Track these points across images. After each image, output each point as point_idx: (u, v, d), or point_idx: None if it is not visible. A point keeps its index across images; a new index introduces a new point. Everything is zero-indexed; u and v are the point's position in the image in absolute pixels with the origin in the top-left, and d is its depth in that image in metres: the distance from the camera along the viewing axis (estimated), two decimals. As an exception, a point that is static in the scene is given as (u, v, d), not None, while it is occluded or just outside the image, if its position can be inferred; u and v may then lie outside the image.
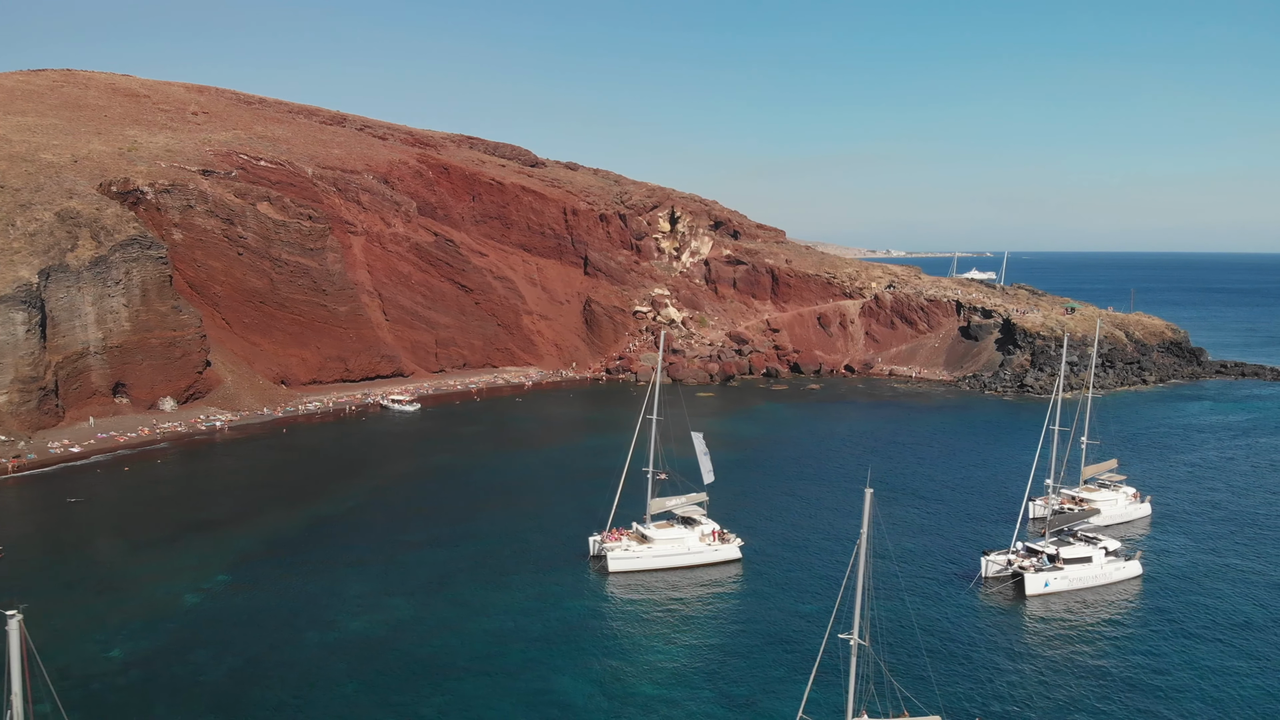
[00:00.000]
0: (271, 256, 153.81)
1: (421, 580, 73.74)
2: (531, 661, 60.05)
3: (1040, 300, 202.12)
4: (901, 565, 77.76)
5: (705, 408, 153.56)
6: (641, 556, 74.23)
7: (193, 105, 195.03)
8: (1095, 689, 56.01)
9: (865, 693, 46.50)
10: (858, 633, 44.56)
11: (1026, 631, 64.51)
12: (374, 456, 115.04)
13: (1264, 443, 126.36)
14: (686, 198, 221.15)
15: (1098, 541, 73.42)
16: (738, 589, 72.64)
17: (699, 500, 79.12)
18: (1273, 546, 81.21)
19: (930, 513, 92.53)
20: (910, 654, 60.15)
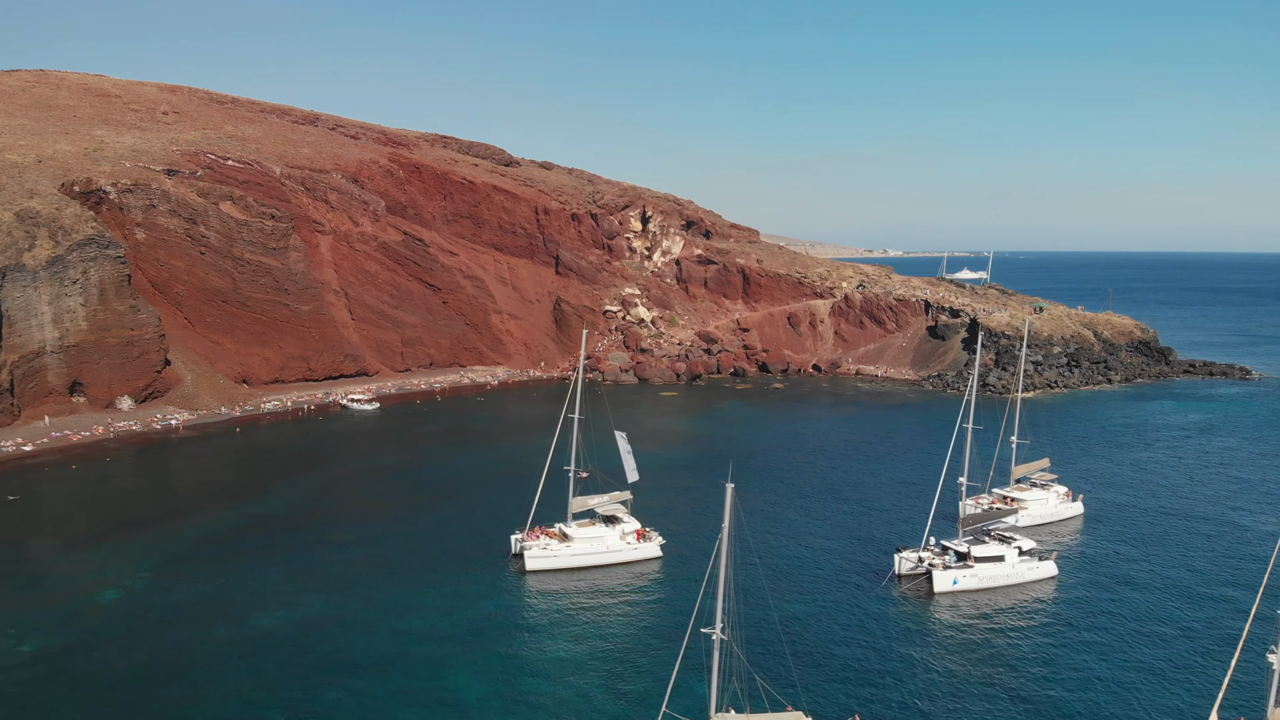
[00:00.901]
0: (234, 256, 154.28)
1: (340, 578, 74.20)
2: (432, 659, 60.47)
3: (1010, 300, 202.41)
4: (823, 562, 78.40)
5: (665, 407, 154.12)
6: (559, 555, 74.62)
7: (164, 105, 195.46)
8: (981, 688, 56.37)
9: (729, 688, 46.89)
10: (719, 628, 44.98)
11: (927, 629, 64.88)
12: (322, 456, 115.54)
13: (1216, 443, 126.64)
14: (659, 197, 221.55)
15: (1012, 541, 73.77)
16: (653, 587, 73.07)
17: (622, 499, 79.50)
18: (1198, 552, 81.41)
19: (861, 510, 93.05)
20: (797, 650, 60.68)
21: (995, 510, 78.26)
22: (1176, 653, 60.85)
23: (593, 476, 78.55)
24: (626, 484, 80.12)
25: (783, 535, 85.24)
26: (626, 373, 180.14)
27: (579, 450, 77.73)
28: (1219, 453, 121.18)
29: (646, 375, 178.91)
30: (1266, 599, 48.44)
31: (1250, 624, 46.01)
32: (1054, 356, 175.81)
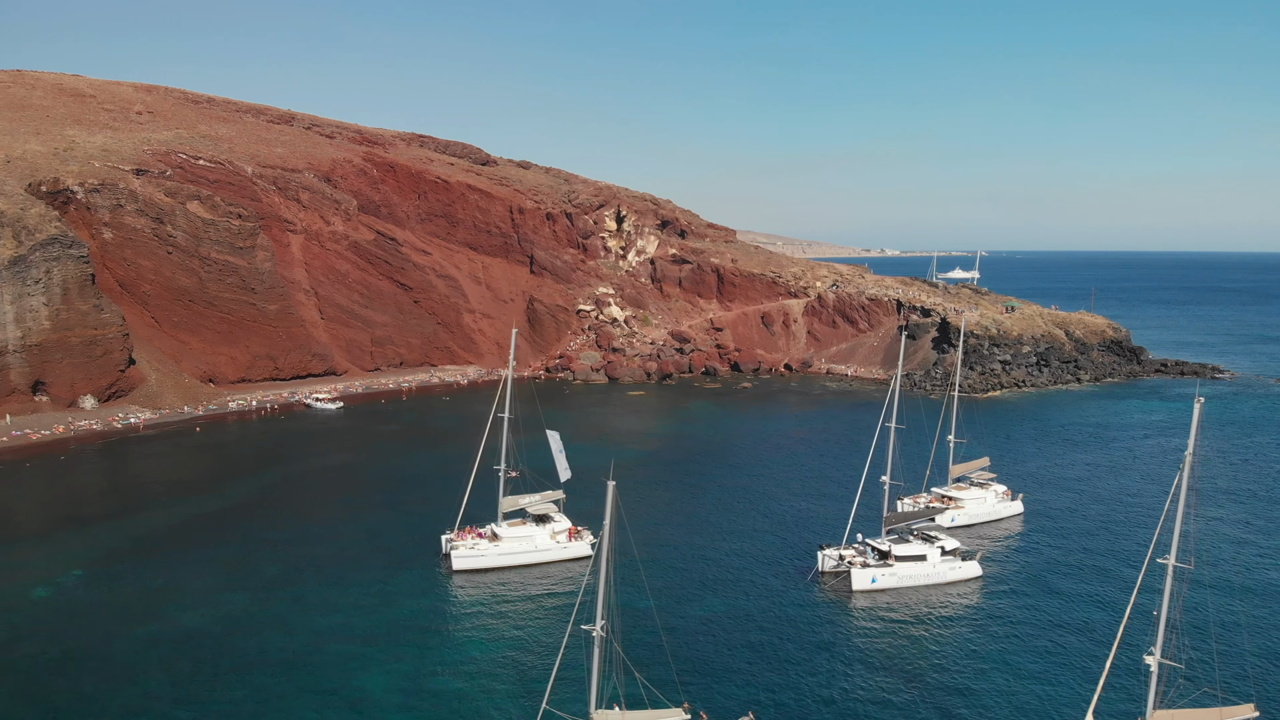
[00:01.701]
0: (200, 255, 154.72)
1: (269, 576, 74.64)
2: (344, 657, 60.89)
3: (982, 299, 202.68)
4: (752, 559, 78.84)
5: (628, 406, 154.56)
6: (487, 555, 75.02)
7: (138, 105, 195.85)
8: (879, 687, 56.73)
9: (610, 685, 47.28)
10: (599, 625, 45.37)
11: (838, 627, 65.22)
12: (276, 455, 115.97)
13: (1175, 443, 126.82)
14: (634, 197, 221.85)
15: (936, 540, 74.09)
16: (578, 586, 73.32)
17: (555, 498, 79.86)
18: (1131, 554, 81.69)
19: (799, 507, 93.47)
20: (705, 647, 61.18)
21: (925, 509, 78.53)
22: (1076, 656, 60.98)
23: (523, 475, 78.88)
24: (559, 483, 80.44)
25: (715, 533, 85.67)
26: (597, 372, 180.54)
27: (509, 450, 78.07)
28: (1175, 452, 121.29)
29: (617, 375, 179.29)
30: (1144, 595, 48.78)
31: (1124, 625, 46.36)
32: (1023, 356, 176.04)
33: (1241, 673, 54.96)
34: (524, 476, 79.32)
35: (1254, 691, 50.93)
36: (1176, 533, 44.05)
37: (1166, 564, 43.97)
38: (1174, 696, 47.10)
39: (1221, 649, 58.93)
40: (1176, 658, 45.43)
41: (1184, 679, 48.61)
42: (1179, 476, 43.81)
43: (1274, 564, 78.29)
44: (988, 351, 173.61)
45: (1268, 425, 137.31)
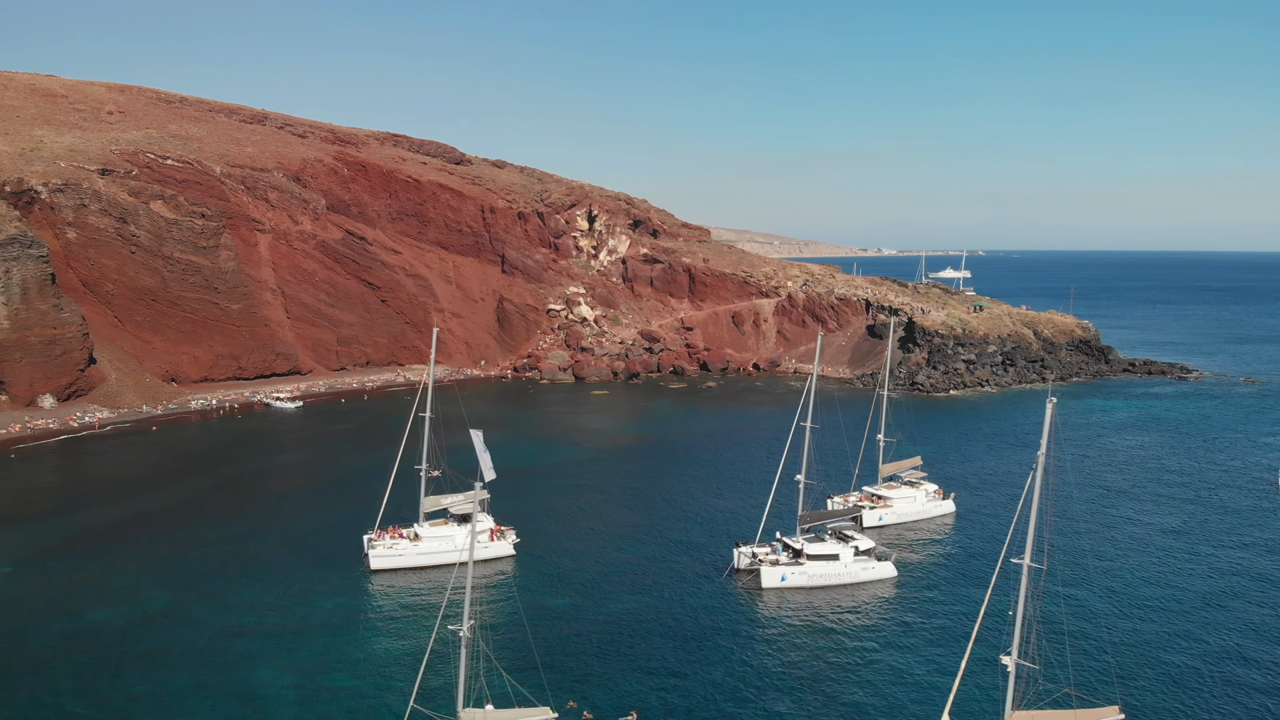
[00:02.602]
0: (163, 255, 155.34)
1: (192, 574, 75.26)
2: (248, 654, 61.49)
3: (951, 299, 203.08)
4: (672, 557, 79.39)
5: (587, 406, 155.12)
6: (405, 554, 75.57)
7: (110, 105, 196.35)
8: (770, 684, 57.23)
9: (478, 684, 47.84)
10: (465, 625, 45.91)
11: (740, 625, 65.67)
12: (225, 454, 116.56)
13: (1126, 441, 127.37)
14: (607, 196, 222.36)
15: (851, 539, 74.56)
16: (497, 585, 73.94)
17: (479, 498, 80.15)
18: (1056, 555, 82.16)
19: (730, 505, 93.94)
20: (593, 645, 61.75)
21: (843, 508, 78.98)
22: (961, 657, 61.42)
23: (445, 474, 79.40)
24: (484, 483, 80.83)
25: (643, 531, 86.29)
26: (565, 371, 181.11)
27: (429, 449, 78.59)
28: (1124, 450, 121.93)
29: (584, 374, 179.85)
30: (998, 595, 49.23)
31: (979, 624, 46.77)
32: (988, 355, 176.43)
33: (1106, 675, 55.47)
34: (445, 475, 79.82)
35: (1119, 694, 51.41)
36: (1030, 533, 44.51)
37: (1021, 564, 44.41)
38: (1034, 697, 47.54)
39: (1085, 651, 59.65)
40: (1035, 659, 45.91)
41: (1045, 680, 49.00)
42: (1032, 477, 44.27)
43: (1150, 566, 78.63)
44: (952, 351, 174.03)
45: (1202, 426, 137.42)
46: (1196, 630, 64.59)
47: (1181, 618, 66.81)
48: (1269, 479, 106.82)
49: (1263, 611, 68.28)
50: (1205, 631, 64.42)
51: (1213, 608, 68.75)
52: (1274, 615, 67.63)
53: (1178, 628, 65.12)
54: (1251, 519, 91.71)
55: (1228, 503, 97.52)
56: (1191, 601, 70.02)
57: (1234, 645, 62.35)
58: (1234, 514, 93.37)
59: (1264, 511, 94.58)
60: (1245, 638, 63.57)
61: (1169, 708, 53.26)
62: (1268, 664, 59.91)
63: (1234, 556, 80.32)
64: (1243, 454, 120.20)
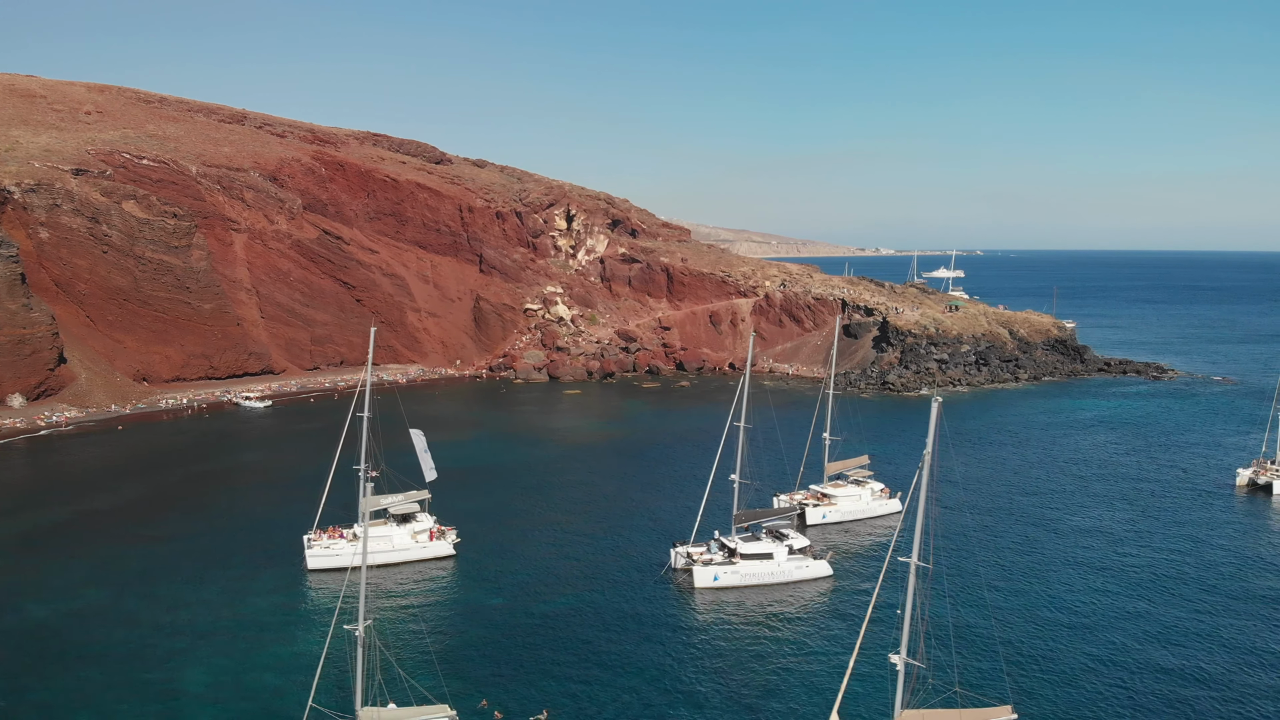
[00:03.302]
0: (135, 254, 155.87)
1: (133, 572, 75.75)
2: (175, 651, 61.97)
3: (927, 299, 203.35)
4: (615, 556, 79.77)
5: (556, 405, 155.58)
6: (341, 554, 75.98)
7: (88, 105, 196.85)
8: (686, 683, 57.60)
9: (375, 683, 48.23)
10: (361, 625, 46.32)
11: (668, 625, 66.03)
12: (185, 453, 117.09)
13: (1090, 440, 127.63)
14: (586, 195, 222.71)
15: (786, 538, 74.92)
16: (428, 585, 74.36)
17: (420, 498, 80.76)
18: (1001, 554, 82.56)
19: (678, 504, 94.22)
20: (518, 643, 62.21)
21: (777, 509, 79.34)
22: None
23: (384, 474, 79.71)
24: (424, 483, 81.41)
25: (588, 530, 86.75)
26: (539, 371, 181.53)
27: (371, 449, 78.92)
28: (1089, 449, 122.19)
29: (558, 373, 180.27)
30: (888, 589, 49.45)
31: (865, 626, 47.09)
32: (961, 355, 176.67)
33: (997, 675, 55.85)
34: (386, 475, 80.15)
35: (1011, 693, 51.76)
36: (918, 532, 44.87)
37: (909, 562, 44.78)
38: (924, 696, 47.88)
39: (978, 651, 60.07)
40: (925, 658, 46.28)
41: (936, 679, 49.32)
42: (918, 476, 44.64)
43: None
44: (925, 350, 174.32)
45: (1166, 426, 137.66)
46: (1095, 630, 64.53)
47: (1080, 618, 66.63)
48: (1226, 480, 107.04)
49: (1163, 610, 68.41)
50: (1102, 631, 64.38)
51: (1115, 608, 68.54)
52: (1174, 614, 67.78)
53: (1076, 627, 65.15)
54: (1188, 518, 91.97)
55: (1171, 503, 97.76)
56: (1093, 602, 69.85)
57: (1131, 644, 62.39)
58: (1171, 513, 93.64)
59: (1206, 510, 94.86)
60: (1140, 637, 63.64)
61: (1061, 706, 53.62)
62: (1159, 661, 60.31)
63: (1151, 556, 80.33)
64: (1203, 454, 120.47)
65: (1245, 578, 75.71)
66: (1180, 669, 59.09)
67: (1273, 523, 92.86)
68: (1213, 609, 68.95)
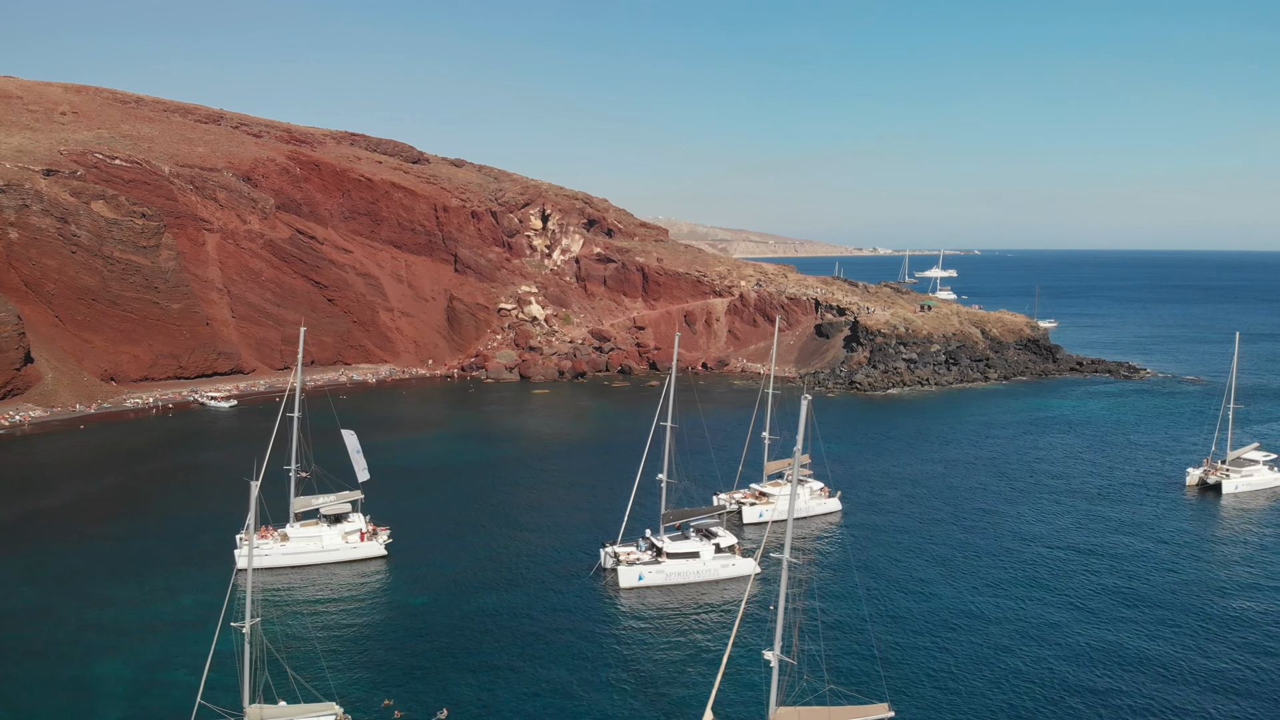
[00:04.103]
0: (104, 254, 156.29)
1: (68, 571, 76.27)
2: (96, 649, 62.60)
3: (900, 298, 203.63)
4: (547, 556, 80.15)
5: (521, 405, 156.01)
6: (271, 554, 76.42)
7: (64, 105, 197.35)
8: (591, 682, 58.00)
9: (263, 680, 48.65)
10: (249, 623, 46.72)
11: (586, 624, 66.46)
12: (142, 453, 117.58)
13: (1047, 440, 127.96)
14: (562, 195, 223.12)
15: (714, 537, 75.27)
16: (358, 585, 74.76)
17: (352, 499, 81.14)
18: (928, 555, 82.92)
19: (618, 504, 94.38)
20: (432, 643, 62.70)
21: (705, 507, 79.68)
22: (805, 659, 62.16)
23: (315, 475, 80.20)
24: (357, 483, 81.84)
25: (524, 529, 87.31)
26: (511, 371, 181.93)
27: (303, 449, 79.37)
28: (1042, 449, 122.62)
29: (530, 373, 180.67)
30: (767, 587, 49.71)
31: (738, 624, 47.39)
32: (931, 355, 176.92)
33: (874, 673, 56.32)
34: (316, 476, 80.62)
35: (888, 692, 52.11)
36: (789, 529, 45.20)
37: (781, 559, 45.09)
38: (800, 694, 48.22)
39: (860, 650, 60.68)
40: (800, 655, 46.65)
41: (812, 677, 49.64)
42: (790, 472, 44.89)
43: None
44: (894, 350, 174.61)
45: (1126, 425, 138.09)
46: (990, 632, 64.84)
47: (978, 621, 66.77)
48: (1177, 479, 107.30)
49: (1048, 611, 68.55)
50: (999, 633, 64.67)
51: (1020, 610, 68.77)
52: (1078, 615, 67.97)
53: (972, 629, 65.47)
54: (1130, 518, 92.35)
55: (1117, 503, 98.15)
56: (999, 604, 69.98)
57: (1023, 646, 62.73)
58: (1115, 514, 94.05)
59: (1151, 510, 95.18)
60: (1036, 639, 64.00)
61: (939, 706, 54.01)
62: (1037, 658, 60.84)
63: (1082, 558, 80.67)
64: (1159, 454, 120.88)
65: (1171, 579, 76.02)
66: (1071, 672, 59.37)
67: (1216, 522, 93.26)
68: (1123, 609, 69.22)
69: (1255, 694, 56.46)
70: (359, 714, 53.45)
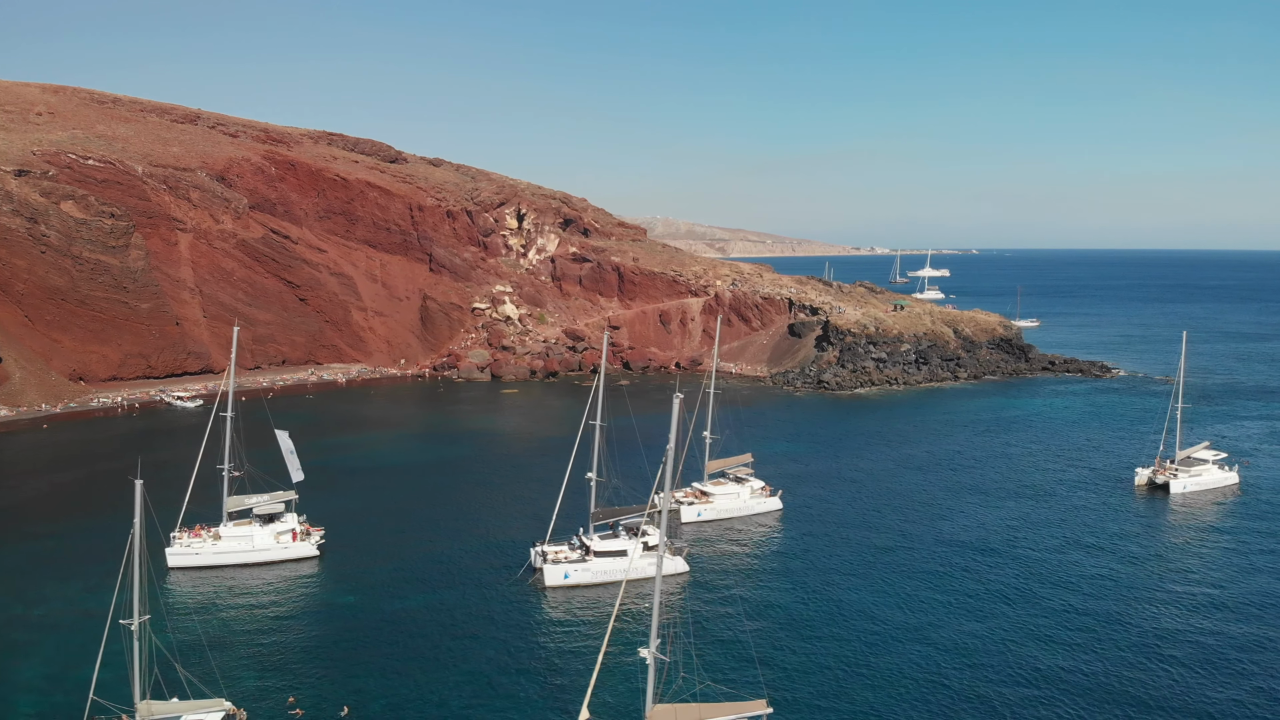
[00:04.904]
0: (73, 254, 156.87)
1: (6, 569, 76.80)
2: (14, 645, 63.31)
3: (873, 298, 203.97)
4: (480, 555, 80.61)
5: (486, 405, 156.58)
6: (202, 553, 76.96)
7: (40, 106, 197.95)
8: (497, 681, 58.46)
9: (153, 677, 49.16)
10: (136, 620, 47.21)
11: (504, 623, 66.85)
12: (99, 452, 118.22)
13: (1005, 438, 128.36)
14: (538, 194, 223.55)
15: (644, 535, 75.70)
16: (285, 584, 75.13)
17: (286, 499, 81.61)
18: (859, 553, 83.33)
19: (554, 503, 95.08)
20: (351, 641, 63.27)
21: (634, 506, 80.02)
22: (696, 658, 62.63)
23: (247, 475, 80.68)
24: (290, 483, 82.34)
25: (460, 529, 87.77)
26: (483, 370, 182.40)
27: (236, 448, 79.86)
28: (999, 447, 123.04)
29: (501, 373, 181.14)
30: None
31: (613, 623, 47.73)
32: (901, 354, 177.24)
33: (751, 670, 56.89)
34: (249, 476, 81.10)
35: (766, 689, 52.53)
36: (662, 527, 45.52)
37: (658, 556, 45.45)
38: (678, 690, 48.63)
39: (737, 648, 61.24)
40: (675, 652, 47.11)
41: (686, 672, 50.04)
42: (662, 469, 45.39)
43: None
44: (863, 349, 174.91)
45: (1083, 424, 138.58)
46: (874, 630, 65.31)
47: (878, 623, 67.03)
48: (1127, 479, 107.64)
49: (951, 614, 68.47)
50: (897, 632, 65.11)
51: (907, 611, 68.98)
52: (959, 615, 68.11)
53: (855, 627, 65.94)
54: (1073, 518, 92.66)
55: (1063, 502, 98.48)
56: (885, 603, 70.23)
57: (904, 644, 63.21)
58: (1059, 513, 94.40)
59: (1096, 510, 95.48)
60: (900, 634, 64.61)
61: (814, 703, 54.48)
62: (917, 655, 61.33)
63: (985, 557, 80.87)
64: (1115, 453, 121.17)
65: (1095, 581, 76.28)
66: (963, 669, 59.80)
67: (1159, 522, 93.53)
68: (1042, 608, 69.46)
69: (1148, 700, 56.74)
70: (262, 711, 53.99)
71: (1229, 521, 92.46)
